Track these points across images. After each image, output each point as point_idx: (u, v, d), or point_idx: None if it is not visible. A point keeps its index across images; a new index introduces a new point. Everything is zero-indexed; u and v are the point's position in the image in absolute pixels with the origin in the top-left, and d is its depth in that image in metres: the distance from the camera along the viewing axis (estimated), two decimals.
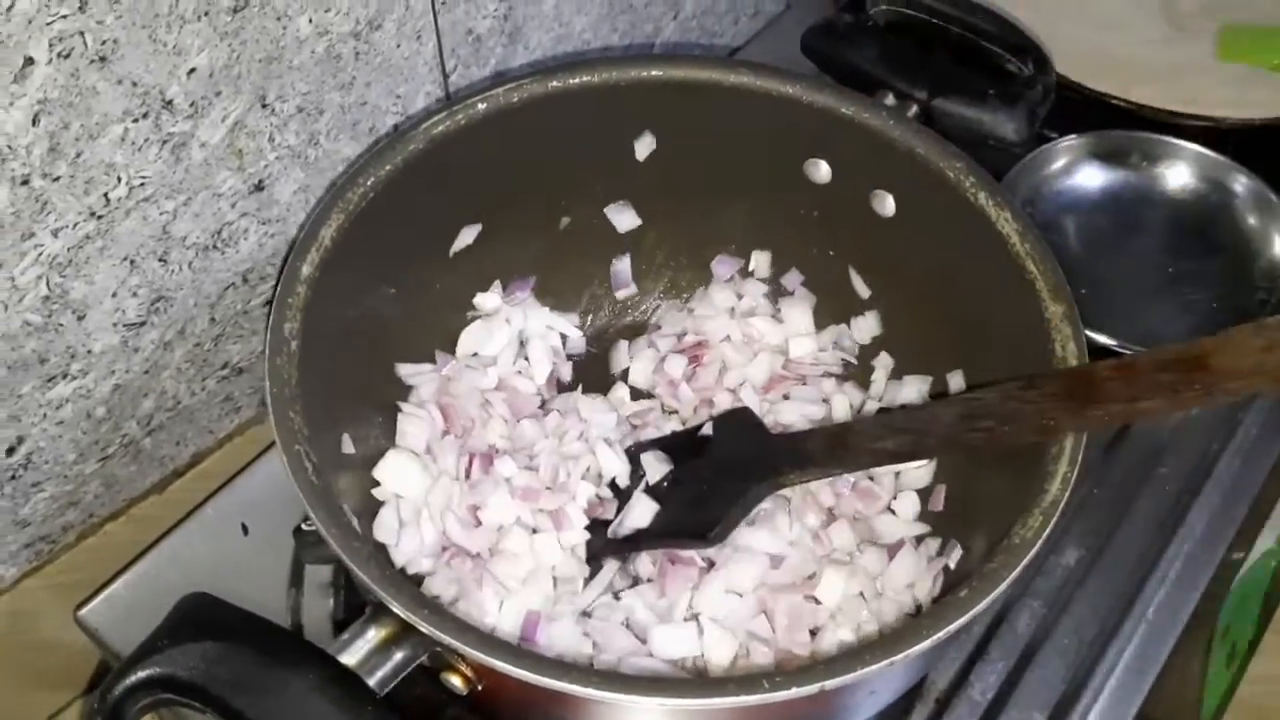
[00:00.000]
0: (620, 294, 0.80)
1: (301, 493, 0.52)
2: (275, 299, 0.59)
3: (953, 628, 0.49)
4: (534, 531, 0.66)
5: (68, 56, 0.53)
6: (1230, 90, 0.87)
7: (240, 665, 0.46)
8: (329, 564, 0.70)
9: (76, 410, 0.66)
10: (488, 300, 0.75)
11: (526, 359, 0.75)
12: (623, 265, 0.79)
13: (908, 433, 0.60)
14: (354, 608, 0.68)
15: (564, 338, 0.78)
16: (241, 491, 0.73)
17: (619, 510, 0.67)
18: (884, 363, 0.75)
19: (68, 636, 0.71)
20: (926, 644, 0.49)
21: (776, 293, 0.78)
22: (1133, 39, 0.92)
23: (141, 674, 0.46)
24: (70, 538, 0.72)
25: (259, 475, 0.74)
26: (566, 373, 0.77)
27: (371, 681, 0.49)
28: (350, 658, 0.49)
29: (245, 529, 0.72)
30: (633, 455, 0.70)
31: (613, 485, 0.69)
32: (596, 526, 0.67)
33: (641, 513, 0.66)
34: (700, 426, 0.70)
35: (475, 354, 0.74)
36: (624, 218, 0.77)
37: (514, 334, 0.75)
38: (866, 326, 0.75)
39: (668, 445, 0.70)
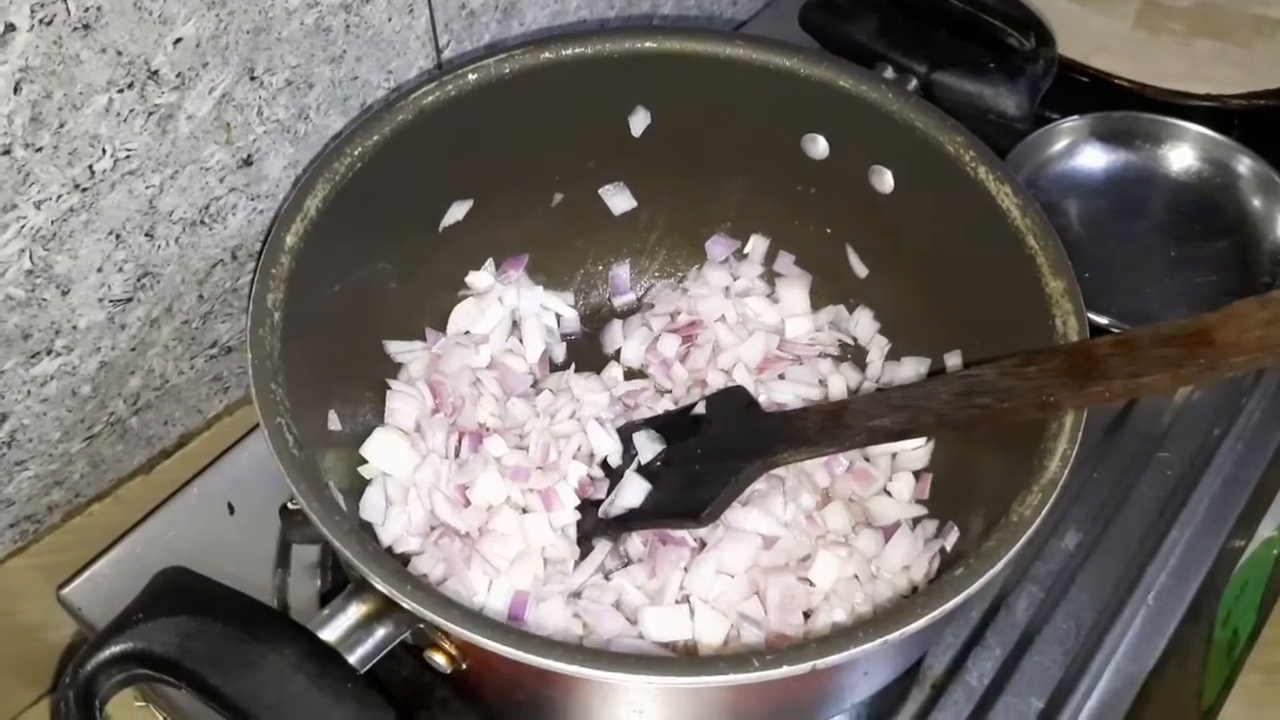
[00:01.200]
0: (619, 300, 0.79)
1: (282, 466, 0.52)
2: (258, 269, 0.58)
3: (948, 607, 0.48)
4: (524, 511, 0.65)
5: (50, 23, 0.52)
6: (1193, 66, 0.87)
7: (216, 640, 0.45)
8: (316, 544, 0.69)
9: (61, 388, 0.65)
10: (480, 278, 0.74)
11: (520, 339, 0.74)
12: (622, 271, 0.79)
13: (904, 410, 0.59)
14: (341, 587, 0.67)
15: (558, 317, 0.77)
16: (228, 470, 0.73)
17: (610, 490, 0.66)
18: (880, 344, 0.74)
19: (52, 617, 0.70)
20: (920, 623, 0.48)
21: (772, 273, 0.77)
22: (1103, 13, 0.92)
23: (115, 649, 0.45)
24: (56, 518, 0.72)
25: (246, 454, 0.73)
26: (560, 353, 0.76)
27: (352, 658, 0.48)
28: (330, 634, 0.49)
29: (231, 508, 0.71)
30: (625, 435, 0.69)
31: (604, 465, 0.69)
32: (587, 507, 0.66)
33: (633, 492, 0.65)
34: (693, 405, 0.69)
35: (467, 332, 0.73)
36: (619, 200, 0.76)
37: (507, 312, 0.74)
38: (865, 324, 0.74)
39: (660, 424, 0.69)
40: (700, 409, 0.69)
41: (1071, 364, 0.55)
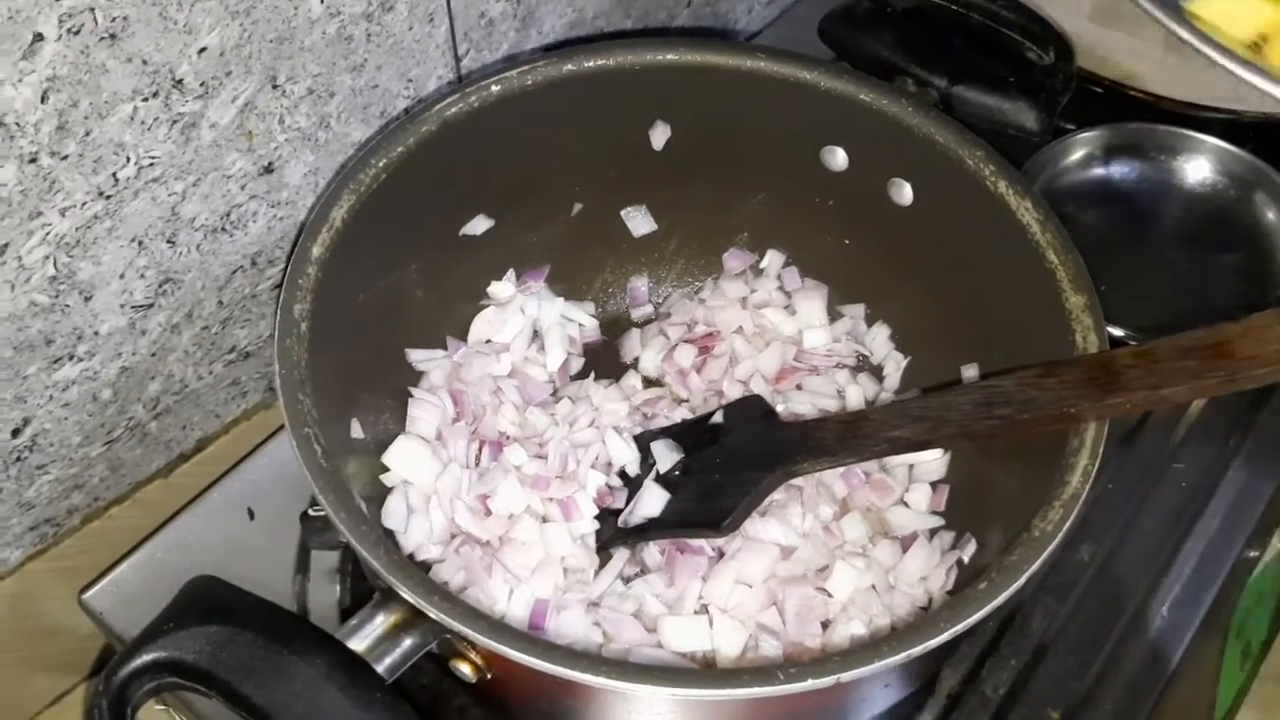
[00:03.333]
0: (636, 313, 0.79)
1: (310, 477, 0.52)
2: (285, 280, 0.58)
3: (972, 620, 0.49)
4: (544, 520, 0.65)
5: (77, 33, 0.52)
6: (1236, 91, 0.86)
7: (247, 650, 0.46)
8: (335, 550, 0.69)
9: (82, 392, 0.65)
10: (502, 289, 0.74)
11: (542, 348, 0.74)
12: (640, 283, 0.79)
13: (924, 421, 0.59)
14: (360, 594, 0.68)
15: (580, 327, 0.77)
16: (248, 476, 0.73)
17: (629, 499, 0.66)
18: (897, 359, 0.74)
19: (71, 620, 0.70)
20: (945, 636, 0.48)
21: (789, 285, 0.77)
22: (1132, 35, 0.92)
23: (146, 657, 0.46)
24: (75, 521, 0.72)
25: (265, 460, 0.73)
26: (578, 363, 0.76)
27: (380, 668, 0.49)
28: (358, 644, 0.49)
29: (251, 514, 0.71)
30: (642, 444, 0.69)
31: (622, 474, 0.69)
32: (606, 516, 0.67)
33: (652, 501, 0.65)
34: (711, 415, 0.69)
35: (488, 340, 0.73)
36: (640, 222, 0.76)
37: (528, 322, 0.74)
38: (881, 340, 0.75)
39: (677, 434, 0.69)
40: (718, 418, 0.69)
41: (1091, 375, 0.55)
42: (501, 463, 0.66)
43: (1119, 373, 0.54)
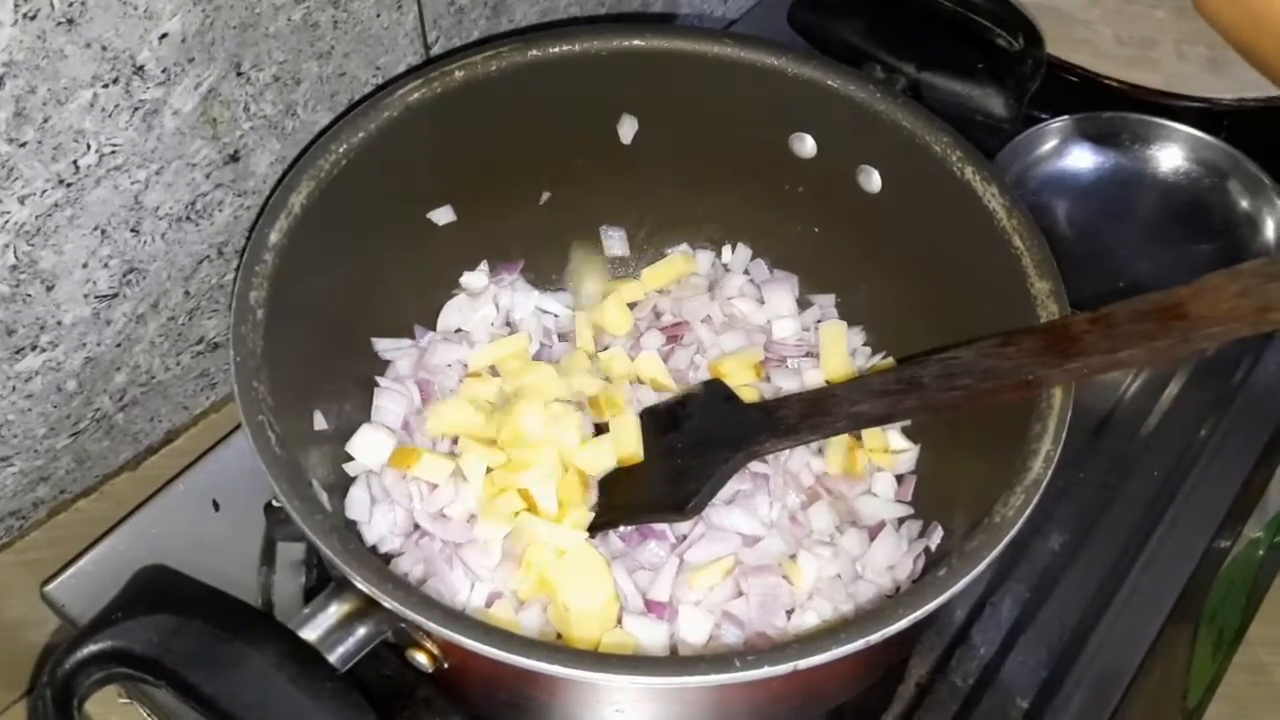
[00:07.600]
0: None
1: (264, 464, 0.51)
2: (241, 266, 0.57)
3: (930, 607, 0.48)
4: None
5: (34, 18, 0.52)
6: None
7: (196, 639, 0.45)
8: (300, 541, 0.69)
9: (46, 383, 0.65)
10: (475, 279, 0.74)
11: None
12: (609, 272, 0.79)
13: (886, 395, 0.59)
14: (326, 585, 0.67)
15: (555, 317, 0.76)
16: (213, 467, 0.72)
17: None
18: (865, 354, 0.74)
19: (36, 614, 0.70)
20: (902, 624, 0.48)
21: (758, 274, 0.77)
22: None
23: (94, 647, 0.45)
24: (41, 514, 0.71)
25: (231, 451, 0.73)
26: (549, 355, 0.75)
27: (332, 657, 0.48)
28: (311, 633, 0.48)
29: (216, 505, 0.71)
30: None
31: None
32: None
33: None
34: (672, 399, 0.69)
35: (457, 329, 0.73)
36: (615, 242, 0.77)
37: (499, 312, 0.74)
38: (854, 339, 0.74)
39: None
40: (678, 403, 0.68)
41: (1049, 343, 0.55)
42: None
43: (1076, 338, 0.54)
